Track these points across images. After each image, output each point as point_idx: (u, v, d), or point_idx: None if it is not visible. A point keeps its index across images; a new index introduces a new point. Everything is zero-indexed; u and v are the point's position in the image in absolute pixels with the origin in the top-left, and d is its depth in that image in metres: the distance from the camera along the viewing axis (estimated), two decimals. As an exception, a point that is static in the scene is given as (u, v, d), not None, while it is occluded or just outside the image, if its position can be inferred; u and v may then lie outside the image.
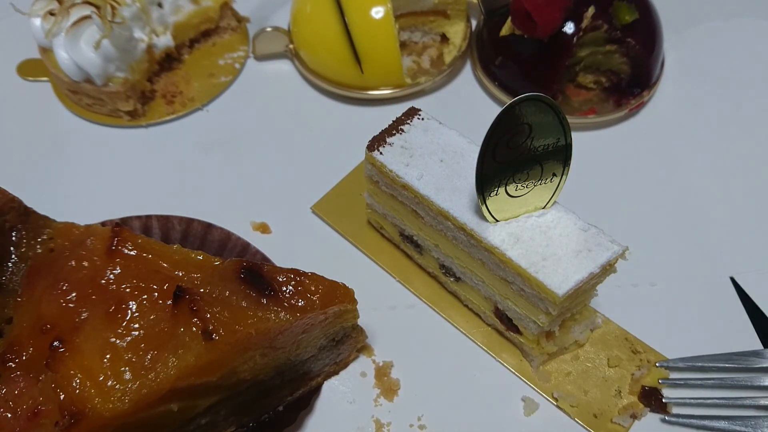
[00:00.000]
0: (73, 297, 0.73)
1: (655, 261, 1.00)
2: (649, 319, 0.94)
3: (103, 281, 0.74)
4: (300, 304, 0.75)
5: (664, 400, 0.85)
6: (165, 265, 0.76)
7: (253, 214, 1.06)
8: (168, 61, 1.24)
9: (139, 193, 1.09)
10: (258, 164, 1.13)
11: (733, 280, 0.99)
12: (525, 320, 0.85)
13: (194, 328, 0.70)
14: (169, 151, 1.15)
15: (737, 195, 1.09)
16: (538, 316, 0.82)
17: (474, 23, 1.29)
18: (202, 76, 1.25)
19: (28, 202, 0.82)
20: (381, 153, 0.87)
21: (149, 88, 1.20)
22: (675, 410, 0.85)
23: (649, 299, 0.97)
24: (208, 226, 0.99)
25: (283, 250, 0.99)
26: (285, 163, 1.13)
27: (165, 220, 0.99)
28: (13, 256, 0.80)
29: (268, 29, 1.24)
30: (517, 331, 0.88)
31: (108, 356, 0.68)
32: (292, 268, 0.77)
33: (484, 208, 0.78)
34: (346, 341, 0.87)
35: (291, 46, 1.25)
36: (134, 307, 0.72)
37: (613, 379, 0.88)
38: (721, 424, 0.83)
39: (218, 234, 0.99)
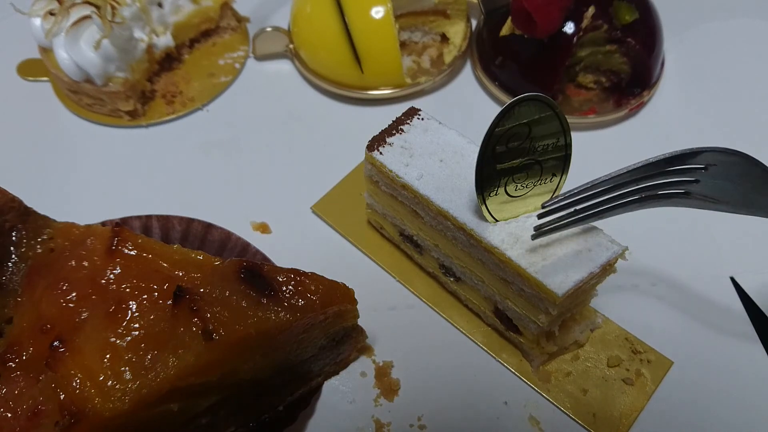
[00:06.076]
0: (73, 297, 0.73)
1: (655, 261, 1.00)
2: (649, 319, 0.94)
3: (103, 281, 0.74)
4: (300, 304, 0.75)
5: None
6: (165, 265, 0.76)
7: (253, 214, 1.06)
8: (168, 61, 1.24)
9: (139, 193, 1.09)
10: (258, 164, 1.13)
11: (733, 280, 0.99)
12: (525, 320, 0.85)
13: (194, 328, 0.70)
14: (169, 151, 1.15)
15: (737, 195, 1.09)
16: (538, 316, 0.82)
17: (474, 23, 1.29)
18: (202, 76, 1.25)
19: (28, 202, 0.82)
20: (381, 153, 0.87)
21: (149, 88, 1.20)
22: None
23: (649, 299, 0.97)
24: (208, 226, 0.99)
25: (283, 250, 0.99)
26: (285, 163, 1.13)
27: (165, 220, 0.99)
28: (13, 256, 0.80)
29: (268, 29, 1.24)
30: (517, 331, 0.88)
31: (108, 356, 0.68)
32: (292, 268, 0.77)
33: (483, 208, 0.78)
34: (346, 341, 0.87)
35: (291, 46, 1.25)
36: (134, 306, 0.72)
37: (613, 379, 0.89)
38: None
39: (218, 234, 0.99)
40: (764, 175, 0.70)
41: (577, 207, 0.74)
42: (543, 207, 0.74)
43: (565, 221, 0.75)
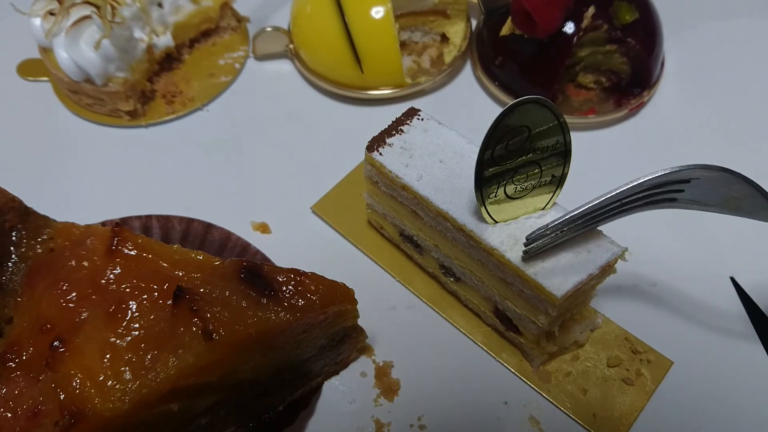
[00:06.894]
0: (73, 297, 0.73)
1: (655, 261, 1.00)
2: (649, 319, 0.94)
3: (103, 281, 0.74)
4: (300, 304, 0.75)
5: None
6: (165, 265, 0.76)
7: (253, 214, 1.06)
8: (168, 61, 1.24)
9: (139, 193, 1.09)
10: (258, 164, 1.13)
11: (733, 280, 0.99)
12: (525, 320, 0.85)
13: (194, 328, 0.70)
14: (169, 151, 1.15)
15: (737, 195, 1.09)
16: (537, 316, 0.82)
17: (474, 23, 1.29)
18: (202, 76, 1.25)
19: (28, 202, 0.82)
20: (380, 153, 0.87)
21: (149, 88, 1.20)
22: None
23: (649, 299, 0.97)
24: (208, 226, 0.99)
25: (283, 250, 0.99)
26: (285, 163, 1.13)
27: (165, 220, 0.99)
28: (13, 256, 0.80)
29: (268, 29, 1.24)
30: (517, 331, 0.88)
31: (108, 356, 0.68)
32: (292, 268, 0.77)
33: (483, 209, 0.78)
34: (346, 341, 0.87)
35: (291, 46, 1.25)
36: (134, 307, 0.72)
37: (613, 379, 0.89)
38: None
39: (218, 234, 0.99)
40: (746, 188, 0.71)
41: (564, 229, 0.75)
42: (527, 239, 0.74)
43: (553, 242, 0.76)
